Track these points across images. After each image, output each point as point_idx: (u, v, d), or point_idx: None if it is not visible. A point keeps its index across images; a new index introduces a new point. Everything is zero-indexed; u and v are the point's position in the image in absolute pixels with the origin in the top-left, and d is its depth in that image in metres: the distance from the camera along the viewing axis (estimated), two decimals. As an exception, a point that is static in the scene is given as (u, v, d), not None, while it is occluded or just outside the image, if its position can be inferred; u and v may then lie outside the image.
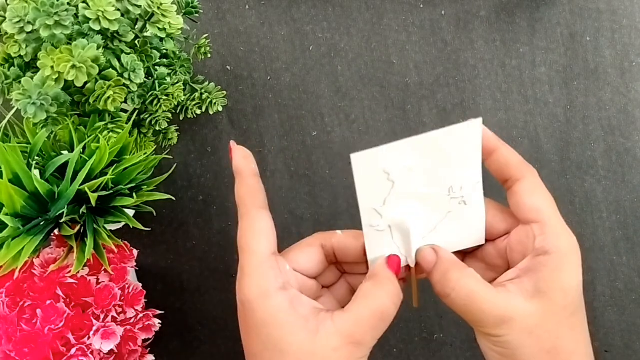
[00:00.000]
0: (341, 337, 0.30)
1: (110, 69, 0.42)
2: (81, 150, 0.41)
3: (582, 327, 0.34)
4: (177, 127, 0.53)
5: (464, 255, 0.38)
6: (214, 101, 0.52)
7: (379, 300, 0.32)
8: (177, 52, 0.50)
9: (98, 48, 0.40)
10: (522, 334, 0.31)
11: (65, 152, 0.43)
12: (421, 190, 0.35)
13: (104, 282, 0.46)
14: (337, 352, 0.30)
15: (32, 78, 0.40)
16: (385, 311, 0.32)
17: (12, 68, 0.42)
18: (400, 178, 0.34)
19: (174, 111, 0.52)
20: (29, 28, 0.38)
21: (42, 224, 0.41)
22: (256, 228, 0.34)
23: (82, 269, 0.44)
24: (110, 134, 0.44)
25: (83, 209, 0.41)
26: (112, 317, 0.45)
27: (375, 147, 0.34)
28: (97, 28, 0.40)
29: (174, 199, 0.45)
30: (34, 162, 0.41)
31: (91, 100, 0.42)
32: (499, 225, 0.36)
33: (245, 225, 0.34)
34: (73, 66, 0.39)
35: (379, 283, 0.33)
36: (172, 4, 0.44)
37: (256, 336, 0.32)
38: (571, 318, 0.33)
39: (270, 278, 0.32)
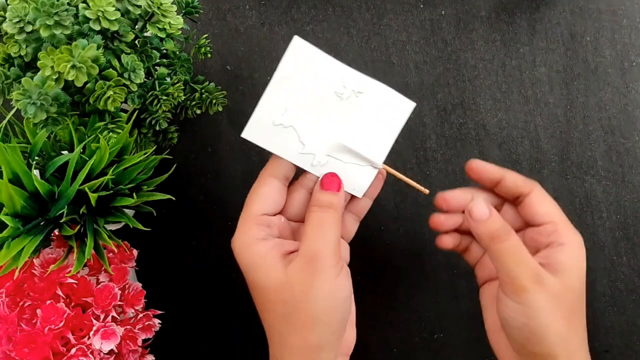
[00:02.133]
0: (302, 258, 0.36)
1: (110, 69, 0.42)
2: (81, 150, 0.41)
3: (584, 309, 0.39)
4: (177, 127, 0.53)
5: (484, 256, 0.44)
6: (214, 101, 0.52)
7: (313, 214, 0.37)
8: (177, 52, 0.50)
9: (98, 48, 0.40)
10: (549, 295, 0.36)
11: (65, 152, 0.43)
12: (318, 114, 0.38)
13: (104, 282, 0.46)
14: (303, 272, 0.35)
15: (32, 78, 0.40)
16: (322, 218, 0.37)
17: (12, 68, 0.42)
18: (291, 119, 0.38)
19: (174, 111, 0.52)
20: (29, 28, 0.38)
21: (42, 224, 0.41)
22: (257, 191, 0.39)
23: (82, 269, 0.44)
24: (110, 134, 0.44)
25: (83, 209, 0.41)
26: (112, 317, 0.45)
27: (250, 118, 0.37)
28: (97, 28, 0.40)
29: (174, 199, 0.45)
30: (34, 162, 0.41)
31: (91, 100, 0.42)
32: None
33: (253, 186, 0.40)
34: (73, 66, 0.39)
35: (311, 204, 0.38)
36: (172, 4, 0.44)
37: (247, 280, 0.38)
38: (580, 298, 0.38)
39: (254, 232, 0.37)
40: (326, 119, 0.38)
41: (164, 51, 0.48)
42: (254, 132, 0.37)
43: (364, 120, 0.38)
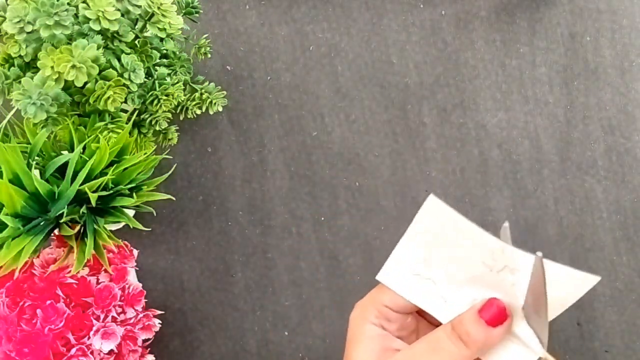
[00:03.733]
0: None
1: (110, 69, 0.42)
2: (81, 150, 0.41)
3: None
4: (177, 127, 0.53)
5: None
6: (214, 101, 0.52)
7: (435, 334, 0.31)
8: (177, 52, 0.50)
9: (98, 48, 0.40)
10: None
11: (65, 152, 0.43)
12: (463, 277, 0.33)
13: (104, 282, 0.46)
14: None
15: (32, 78, 0.40)
16: (437, 345, 0.30)
17: (12, 68, 0.42)
18: (431, 273, 0.33)
19: (174, 111, 0.52)
20: (29, 28, 0.38)
21: (42, 224, 0.41)
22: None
23: (82, 269, 0.44)
24: (110, 134, 0.44)
25: (83, 209, 0.41)
26: (112, 317, 0.45)
27: (389, 258, 0.34)
28: (97, 28, 0.40)
29: (174, 199, 0.45)
30: (34, 162, 0.41)
31: (91, 100, 0.42)
32: None
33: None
34: (73, 66, 0.39)
35: (450, 328, 0.31)
36: (172, 4, 0.44)
37: (345, 346, 0.34)
38: None
39: (372, 315, 0.34)
40: (471, 286, 0.33)
41: (164, 51, 0.48)
42: (389, 276, 0.34)
43: (520, 297, 0.31)
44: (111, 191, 0.42)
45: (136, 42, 0.45)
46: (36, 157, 0.42)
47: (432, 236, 0.33)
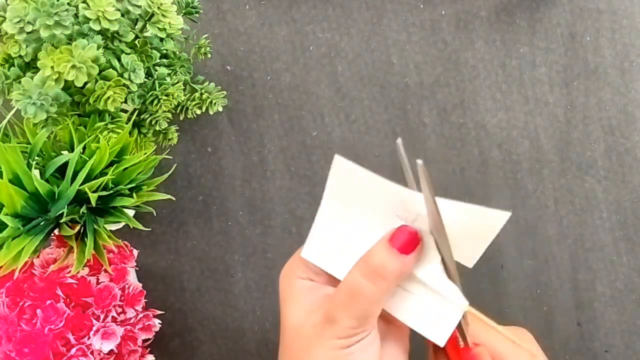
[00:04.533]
0: (322, 315, 0.31)
1: (110, 69, 0.42)
2: (81, 150, 0.41)
3: None
4: (177, 127, 0.53)
5: None
6: (214, 101, 0.52)
7: (349, 276, 0.30)
8: (177, 52, 0.50)
9: (98, 48, 0.40)
10: None
11: (65, 152, 0.43)
12: (381, 233, 0.32)
13: (104, 282, 0.46)
14: (315, 328, 0.31)
15: (32, 78, 0.40)
16: (354, 287, 0.30)
17: (12, 68, 0.42)
18: (351, 240, 0.33)
19: (174, 111, 0.52)
20: (29, 28, 0.38)
21: (42, 224, 0.41)
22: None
23: (82, 269, 0.44)
24: (110, 134, 0.44)
25: (83, 209, 0.41)
26: (112, 317, 0.45)
27: (311, 232, 0.34)
28: (97, 28, 0.40)
29: (174, 199, 0.45)
30: (34, 162, 0.41)
31: (91, 100, 0.42)
32: None
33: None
34: (73, 66, 0.39)
35: (359, 262, 0.31)
36: (172, 4, 0.44)
37: (280, 306, 0.34)
38: None
39: (299, 270, 0.34)
40: None
41: (164, 51, 0.48)
42: (312, 252, 0.33)
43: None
44: (111, 191, 0.42)
45: (136, 42, 0.45)
46: (36, 157, 0.42)
47: (345, 199, 0.32)
